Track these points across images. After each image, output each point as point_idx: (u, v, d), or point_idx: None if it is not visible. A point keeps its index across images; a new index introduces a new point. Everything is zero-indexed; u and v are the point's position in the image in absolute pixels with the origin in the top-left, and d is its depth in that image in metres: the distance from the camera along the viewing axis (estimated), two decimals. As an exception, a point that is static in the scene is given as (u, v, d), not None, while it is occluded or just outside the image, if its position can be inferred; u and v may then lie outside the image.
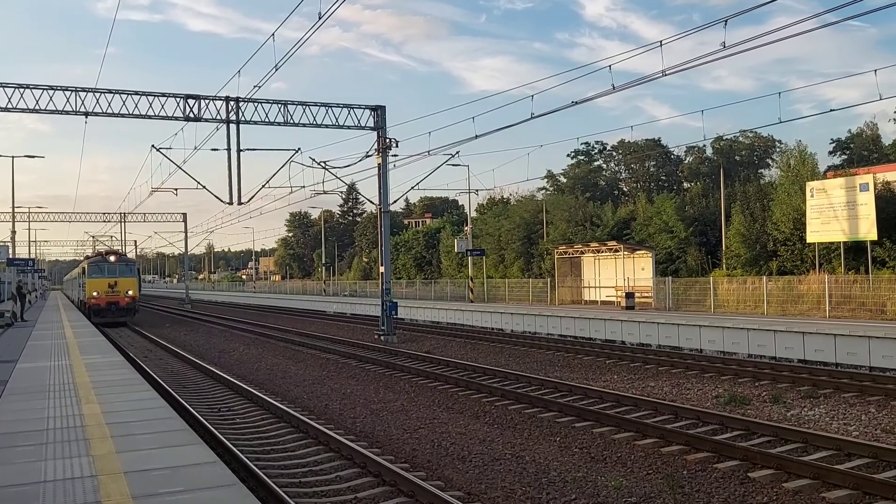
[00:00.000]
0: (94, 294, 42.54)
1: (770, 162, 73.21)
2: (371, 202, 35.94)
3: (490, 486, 9.59)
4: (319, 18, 18.53)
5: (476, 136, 27.85)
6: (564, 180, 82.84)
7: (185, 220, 76.03)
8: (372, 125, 31.26)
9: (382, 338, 30.32)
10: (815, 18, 15.12)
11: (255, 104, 29.71)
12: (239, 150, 29.44)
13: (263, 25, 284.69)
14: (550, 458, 10.96)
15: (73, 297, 68.49)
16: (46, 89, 27.13)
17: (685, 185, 74.60)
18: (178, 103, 28.65)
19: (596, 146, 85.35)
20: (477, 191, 68.70)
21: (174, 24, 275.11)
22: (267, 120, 29.81)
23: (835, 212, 34.43)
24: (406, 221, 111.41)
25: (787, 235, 41.38)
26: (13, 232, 53.66)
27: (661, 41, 18.69)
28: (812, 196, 35.80)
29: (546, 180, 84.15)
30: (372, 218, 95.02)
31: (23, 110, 27.06)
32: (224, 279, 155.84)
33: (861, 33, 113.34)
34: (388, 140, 30.89)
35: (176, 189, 40.62)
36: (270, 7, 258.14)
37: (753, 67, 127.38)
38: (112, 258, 44.62)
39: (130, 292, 43.60)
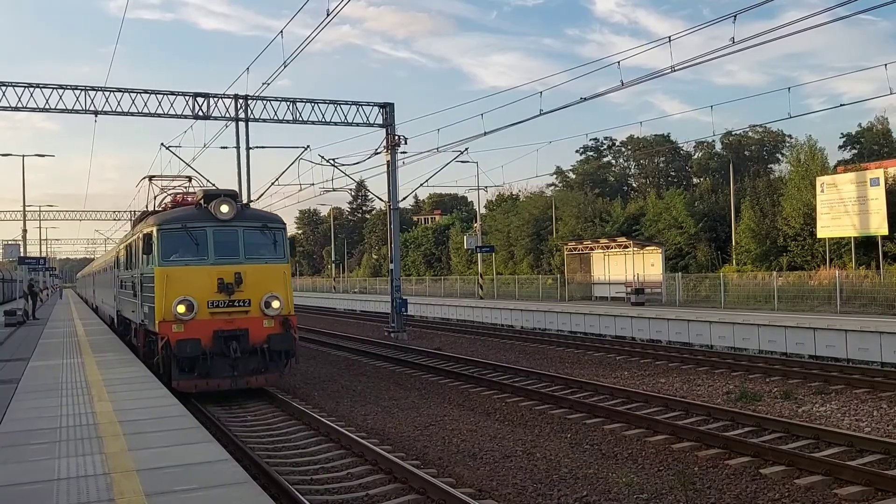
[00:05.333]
0: (181, 311, 14.83)
1: (780, 157, 72.84)
2: (380, 199, 36.02)
3: (501, 483, 9.60)
4: (328, 15, 18.54)
5: (485, 133, 27.88)
6: (573, 176, 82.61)
7: (194, 218, 75.95)
8: (381, 122, 31.28)
9: (392, 335, 30.36)
10: (826, 12, 15.06)
11: (264, 102, 29.76)
12: (248, 148, 29.51)
13: (274, 23, 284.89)
14: (561, 455, 10.96)
15: (100, 306, 36.67)
16: (56, 88, 27.24)
17: (694, 180, 74.29)
18: (187, 101, 28.74)
19: (605, 142, 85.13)
20: (486, 187, 68.84)
21: (186, 22, 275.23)
22: (276, 118, 29.86)
23: (845, 206, 34.30)
24: (415, 218, 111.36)
25: (798, 230, 41.23)
26: (24, 230, 53.81)
27: (669, 37, 18.63)
28: (822, 191, 35.67)
29: (555, 176, 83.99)
30: (381, 215, 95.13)
31: (32, 109, 27.20)
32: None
33: (873, 27, 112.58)
34: (396, 137, 30.90)
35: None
36: (281, 5, 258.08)
37: (764, 62, 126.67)
38: (224, 208, 15.72)
39: (276, 304, 15.66)
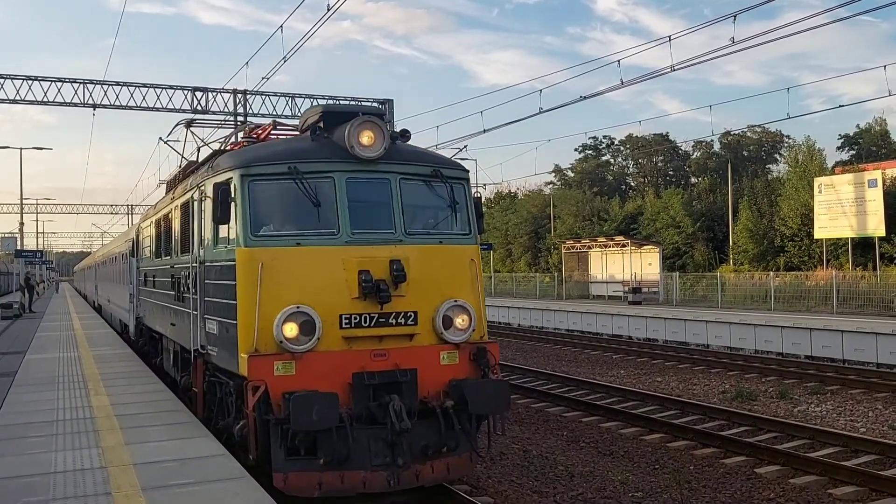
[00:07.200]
0: (289, 334, 7.58)
1: (778, 157, 72.90)
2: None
3: (498, 481, 9.61)
4: (328, 10, 18.52)
5: (484, 131, 27.81)
6: (572, 175, 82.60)
7: (192, 213, 75.74)
8: (380, 119, 31.24)
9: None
10: (826, 13, 15.07)
11: (263, 96, 29.73)
12: (247, 143, 29.41)
13: (274, 18, 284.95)
14: (558, 453, 10.97)
15: (104, 305, 29.24)
16: (55, 81, 27.21)
17: (693, 180, 74.33)
18: (185, 95, 28.71)
19: (604, 141, 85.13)
20: (485, 185, 68.64)
21: (186, 17, 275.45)
22: (274, 112, 29.83)
23: (843, 207, 34.37)
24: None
25: (795, 231, 41.28)
26: (21, 223, 53.74)
27: (669, 36, 18.62)
28: (820, 192, 35.73)
29: (554, 175, 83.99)
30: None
31: (31, 102, 27.15)
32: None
33: (873, 28, 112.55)
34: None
35: (184, 181, 40.21)
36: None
37: (765, 62, 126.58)
38: (367, 136, 8.08)
39: (463, 320, 8.23)
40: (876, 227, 33.18)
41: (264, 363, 7.48)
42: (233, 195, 8.06)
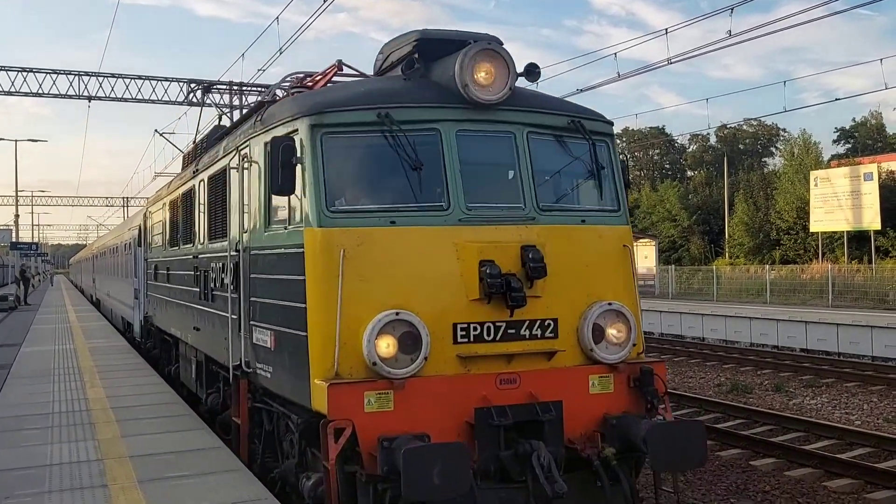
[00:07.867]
0: (385, 352, 5.36)
1: (774, 151, 73.02)
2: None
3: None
4: (324, 2, 18.44)
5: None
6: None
7: (188, 205, 75.49)
8: (376, 111, 31.18)
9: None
10: (823, 6, 15.05)
11: (260, 89, 29.63)
12: (243, 136, 29.29)
13: (270, 10, 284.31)
14: (553, 445, 10.96)
15: (104, 300, 27.60)
16: (49, 73, 27.11)
17: (689, 173, 74.42)
18: (181, 87, 28.61)
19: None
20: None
21: (182, 8, 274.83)
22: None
23: (838, 201, 34.42)
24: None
25: (791, 224, 41.38)
26: (16, 216, 53.65)
27: (666, 29, 18.60)
28: (816, 185, 35.79)
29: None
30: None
31: (26, 94, 27.06)
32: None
33: (870, 22, 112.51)
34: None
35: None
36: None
37: (761, 56, 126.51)
38: (484, 71, 5.74)
39: (619, 329, 6.01)
40: (871, 220, 33.26)
41: (351, 394, 5.27)
42: (299, 154, 5.70)
